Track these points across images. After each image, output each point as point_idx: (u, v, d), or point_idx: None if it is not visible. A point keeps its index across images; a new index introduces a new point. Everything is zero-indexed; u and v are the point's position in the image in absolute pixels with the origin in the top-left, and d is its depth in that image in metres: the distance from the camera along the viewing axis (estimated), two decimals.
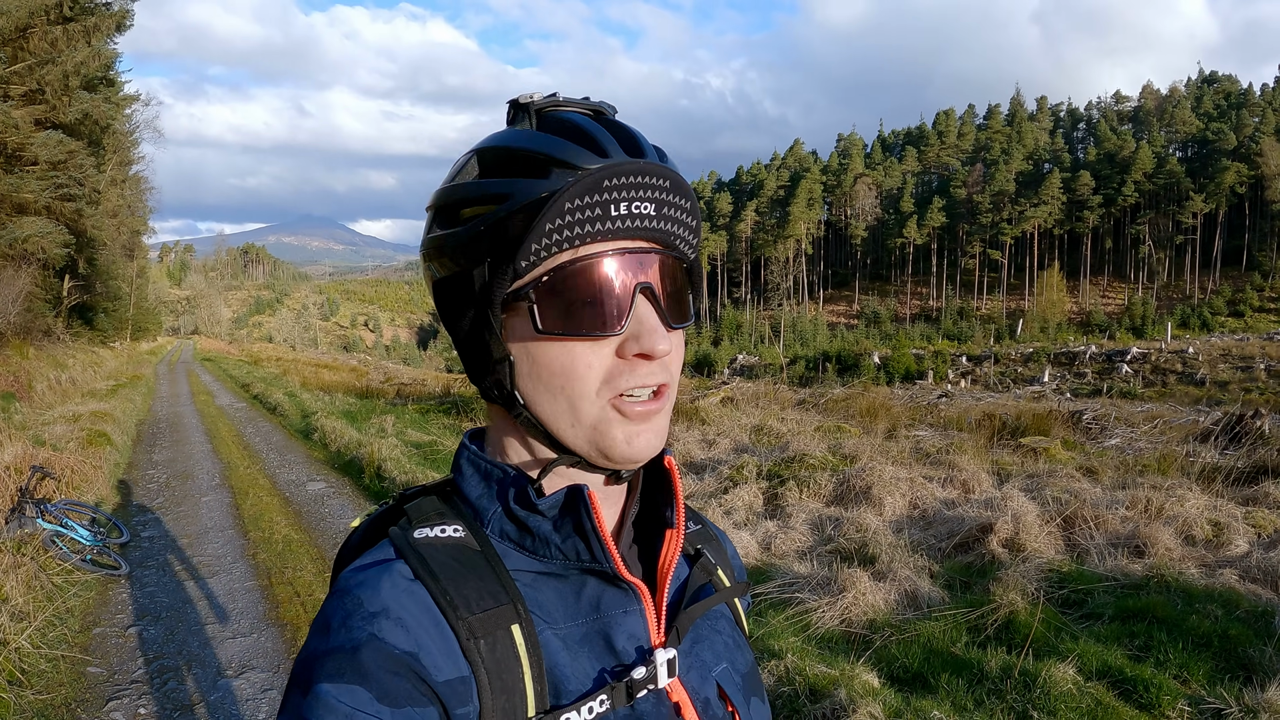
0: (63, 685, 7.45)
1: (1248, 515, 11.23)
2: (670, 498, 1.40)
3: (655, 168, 1.21)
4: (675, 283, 1.28)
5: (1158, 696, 6.61)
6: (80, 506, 11.48)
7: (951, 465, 14.59)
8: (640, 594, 1.32)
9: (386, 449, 17.03)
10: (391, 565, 1.21)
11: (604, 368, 1.22)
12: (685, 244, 1.29)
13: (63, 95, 34.78)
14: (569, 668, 1.23)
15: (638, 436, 1.24)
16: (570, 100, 1.29)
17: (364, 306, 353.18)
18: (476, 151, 1.28)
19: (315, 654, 1.11)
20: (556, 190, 1.16)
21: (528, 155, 1.21)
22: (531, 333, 1.21)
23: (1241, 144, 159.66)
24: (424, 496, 1.37)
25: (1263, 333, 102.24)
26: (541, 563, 1.28)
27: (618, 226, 1.19)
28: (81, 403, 25.68)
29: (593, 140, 1.20)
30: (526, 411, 1.26)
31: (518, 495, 1.28)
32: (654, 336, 1.20)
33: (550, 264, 1.19)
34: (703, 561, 1.48)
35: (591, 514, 1.23)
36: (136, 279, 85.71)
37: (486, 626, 1.17)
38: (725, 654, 1.45)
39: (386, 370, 61.41)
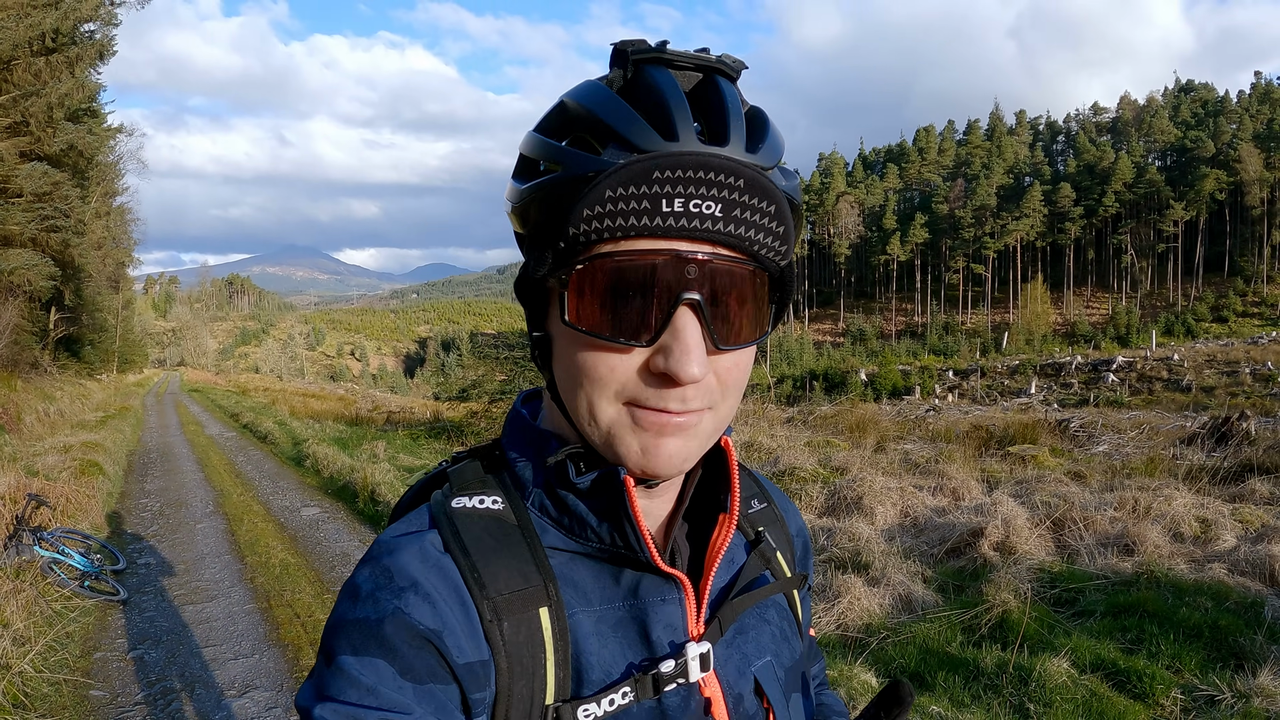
0: (66, 708, 7.49)
1: (1235, 512, 11.54)
2: (727, 481, 1.33)
3: (724, 162, 1.06)
4: (740, 297, 1.14)
5: (1151, 686, 6.79)
6: (76, 534, 11.52)
7: (941, 474, 14.80)
8: (681, 584, 1.26)
9: (380, 473, 17.04)
10: (424, 536, 1.19)
11: (626, 376, 1.12)
12: (768, 250, 1.13)
13: (47, 127, 34.67)
14: (596, 655, 1.19)
15: (656, 450, 1.15)
16: (679, 54, 1.14)
17: (350, 335, 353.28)
18: (561, 101, 1.18)
19: (341, 622, 1.10)
20: (601, 170, 1.06)
21: (593, 121, 1.11)
22: (560, 321, 1.14)
23: (1220, 151, 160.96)
24: (470, 460, 1.34)
25: (1247, 337, 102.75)
26: (579, 543, 1.24)
27: (669, 225, 1.06)
28: (71, 434, 25.59)
29: (665, 116, 1.08)
30: (557, 393, 1.21)
31: (558, 471, 1.23)
32: (685, 358, 1.08)
33: (590, 252, 1.10)
34: (762, 548, 1.41)
35: (627, 500, 1.17)
36: (122, 311, 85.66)
37: (512, 607, 1.15)
38: (770, 646, 1.39)
39: (374, 398, 61.39)
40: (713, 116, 1.11)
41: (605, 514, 1.20)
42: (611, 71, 1.17)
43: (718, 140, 1.08)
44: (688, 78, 1.15)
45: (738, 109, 1.12)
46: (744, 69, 1.18)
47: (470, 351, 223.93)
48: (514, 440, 1.32)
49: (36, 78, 33.21)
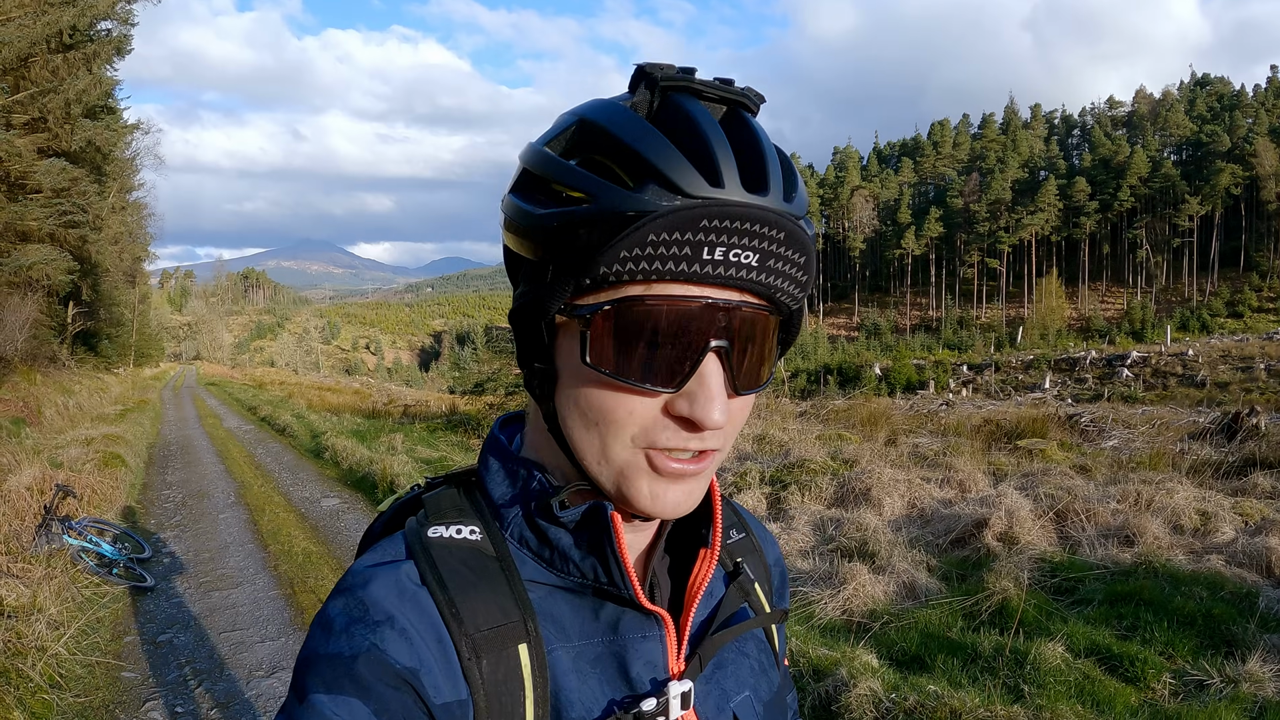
0: (99, 689, 7.74)
1: (1236, 505, 11.69)
2: (709, 514, 1.31)
3: (770, 215, 1.04)
4: (759, 342, 1.13)
5: (1143, 670, 7.03)
6: (103, 523, 11.77)
7: (949, 467, 14.97)
8: (662, 620, 1.25)
9: (398, 465, 17.26)
10: (399, 566, 1.17)
11: (646, 419, 1.10)
12: (789, 297, 1.12)
13: (65, 123, 34.72)
14: (576, 693, 1.17)
15: (665, 494, 1.13)
16: (707, 84, 1.10)
17: (365, 329, 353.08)
18: (579, 119, 1.12)
19: (314, 656, 1.08)
20: (645, 214, 1.01)
21: (624, 150, 1.06)
22: (578, 360, 1.09)
23: (1235, 145, 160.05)
24: (445, 488, 1.32)
25: (1262, 333, 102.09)
26: (559, 577, 1.22)
27: (707, 273, 1.03)
28: (92, 427, 25.77)
29: (709, 159, 1.03)
30: (557, 426, 1.17)
31: (540, 503, 1.21)
32: (710, 405, 1.07)
33: (618, 292, 1.06)
34: (741, 580, 1.39)
35: (613, 537, 1.15)
36: (139, 305, 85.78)
37: (491, 644, 1.13)
38: (749, 680, 1.38)
39: (390, 392, 61.44)
40: (750, 159, 1.07)
41: (590, 548, 1.19)
42: (636, 94, 1.12)
43: (758, 188, 1.05)
44: (714, 110, 1.13)
45: (773, 153, 1.11)
46: (764, 102, 1.17)
47: (485, 345, 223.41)
48: (493, 468, 1.29)
49: (54, 75, 33.33)
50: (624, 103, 1.12)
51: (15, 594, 8.71)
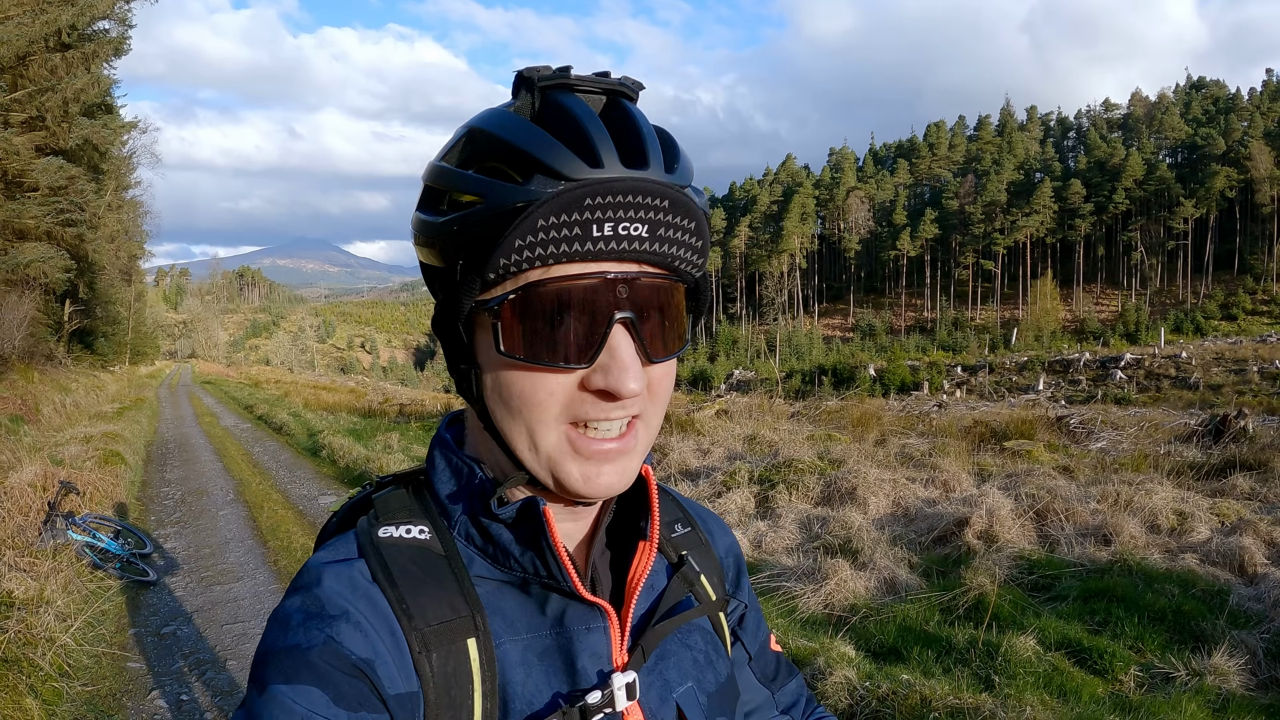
0: (106, 678, 7.98)
1: (1214, 506, 11.88)
2: (646, 507, 1.37)
3: (651, 185, 1.10)
4: (665, 310, 1.19)
5: (1111, 663, 7.29)
6: (106, 519, 11.95)
7: (934, 467, 15.15)
8: (605, 611, 1.29)
9: (395, 464, 17.42)
10: (352, 564, 1.21)
11: (565, 396, 1.17)
12: (688, 264, 1.19)
13: (62, 122, 34.64)
14: (523, 685, 1.21)
15: (597, 476, 1.19)
16: (583, 79, 1.18)
17: (360, 328, 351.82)
18: (469, 129, 1.19)
19: (272, 650, 1.12)
20: (531, 201, 1.08)
21: (510, 150, 1.13)
22: (493, 351, 1.16)
23: (1230, 148, 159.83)
24: (395, 488, 1.36)
25: (1256, 335, 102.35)
26: (505, 572, 1.26)
27: (599, 249, 1.10)
28: (90, 425, 25.85)
29: (587, 143, 1.10)
30: (490, 423, 1.23)
31: (481, 501, 1.26)
32: (624, 375, 1.13)
33: (519, 280, 1.13)
34: (684, 571, 1.44)
35: (546, 530, 1.20)
36: (135, 303, 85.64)
37: (440, 639, 1.17)
38: (693, 672, 1.40)
39: (385, 391, 61.34)
40: (628, 139, 1.14)
41: (527, 543, 1.23)
42: (518, 99, 1.20)
43: (638, 163, 1.11)
44: (593, 101, 1.19)
45: (650, 131, 1.17)
46: (642, 89, 1.24)
47: None
48: (439, 466, 1.33)
49: (52, 73, 33.32)
50: (509, 108, 1.19)
51: (24, 587, 8.92)
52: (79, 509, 12.23)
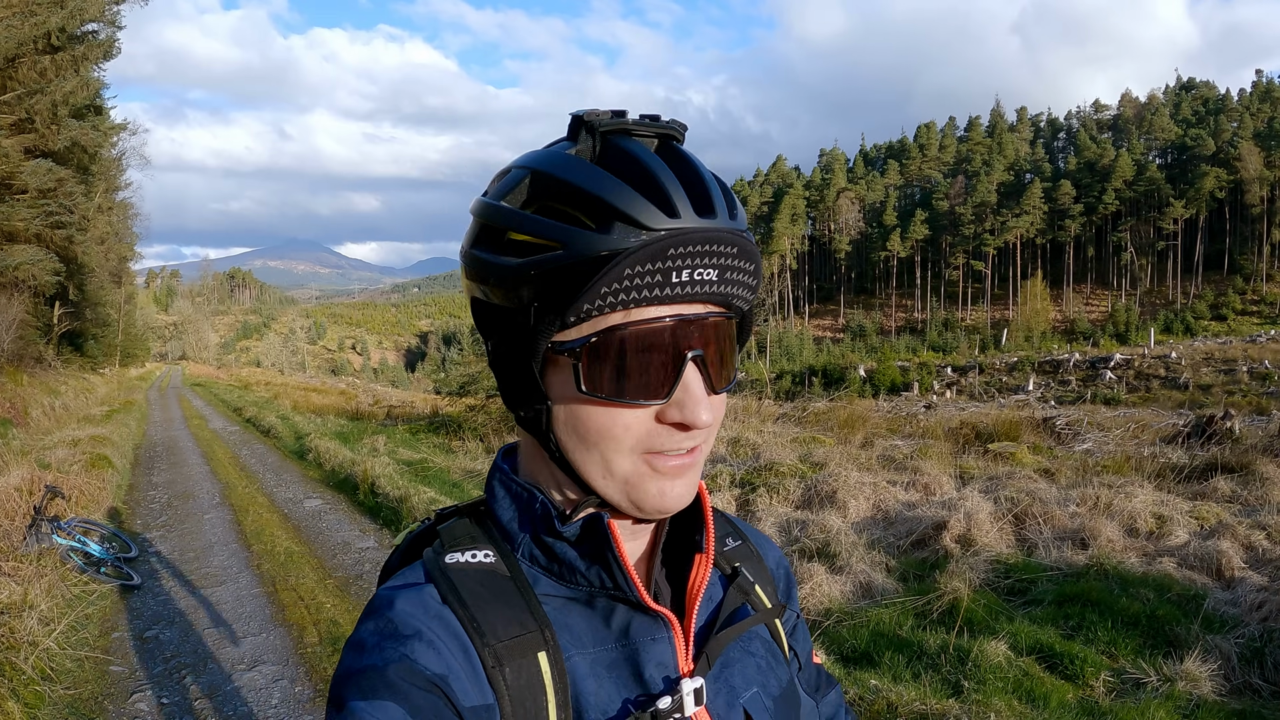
0: (89, 682, 8.01)
1: (1194, 509, 11.90)
2: (701, 521, 1.39)
3: (725, 234, 1.16)
4: (725, 345, 1.24)
5: (1082, 668, 7.31)
6: (91, 523, 12.02)
7: (915, 470, 15.21)
8: (669, 621, 1.32)
9: (380, 467, 17.41)
10: (422, 589, 1.24)
11: (642, 430, 1.20)
12: (742, 301, 1.25)
13: (51, 124, 34.60)
14: (594, 696, 1.23)
15: (671, 490, 1.23)
16: (639, 124, 1.22)
17: (351, 329, 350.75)
18: (531, 171, 1.22)
19: (350, 672, 1.14)
20: (619, 251, 1.12)
21: (588, 199, 1.15)
22: (573, 389, 1.19)
23: (1220, 149, 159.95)
24: (458, 518, 1.39)
25: (1245, 335, 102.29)
26: (570, 589, 1.29)
27: (677, 293, 1.15)
28: (78, 428, 25.78)
29: (662, 193, 1.14)
30: (560, 453, 1.25)
31: (544, 521, 1.29)
32: (697, 408, 1.18)
33: (600, 324, 1.16)
34: (739, 581, 1.47)
35: (612, 543, 1.23)
36: (125, 305, 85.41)
37: (512, 654, 1.19)
38: (757, 678, 1.42)
39: (375, 393, 61.31)
40: (695, 187, 1.18)
41: (593, 557, 1.26)
42: (579, 141, 1.22)
43: (708, 212, 1.16)
44: (648, 144, 1.23)
45: (711, 178, 1.21)
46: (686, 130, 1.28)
47: (471, 345, 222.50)
48: (499, 495, 1.37)
49: (42, 76, 33.27)
50: (567, 150, 1.21)
51: (7, 591, 8.95)
52: (64, 513, 12.24)
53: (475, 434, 24.23)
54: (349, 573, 11.51)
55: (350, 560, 12.15)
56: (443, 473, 18.62)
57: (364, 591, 10.66)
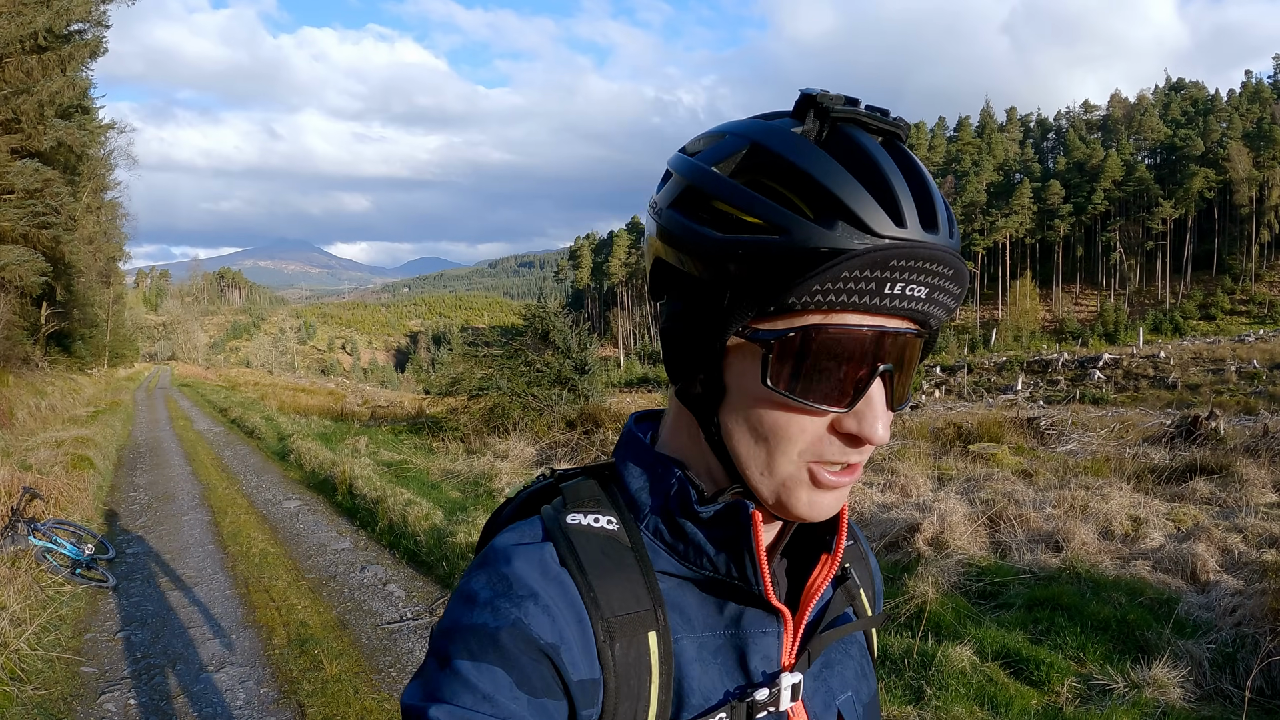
0: (59, 683, 8.02)
1: (1172, 511, 11.81)
2: (834, 522, 1.35)
3: (944, 254, 1.10)
4: (911, 363, 1.19)
5: (1048, 674, 7.26)
6: (68, 525, 11.96)
7: (893, 471, 15.23)
8: (783, 616, 1.30)
9: (359, 468, 17.46)
10: (542, 547, 1.21)
11: (814, 435, 1.16)
12: (937, 321, 1.19)
13: (38, 124, 34.63)
14: (697, 680, 1.22)
15: (821, 501, 1.20)
16: (869, 114, 1.15)
17: (341, 329, 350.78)
18: (751, 142, 1.15)
19: (458, 626, 1.12)
20: (840, 251, 1.06)
21: (813, 187, 1.09)
22: (755, 380, 1.14)
23: (1209, 149, 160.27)
24: (583, 478, 1.35)
25: (1234, 335, 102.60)
26: (690, 569, 1.26)
27: (885, 305, 1.10)
28: (63, 429, 25.74)
29: (891, 197, 1.09)
30: (720, 438, 1.22)
31: (679, 498, 1.25)
32: (877, 423, 1.14)
33: (798, 320, 1.11)
34: (848, 585, 1.45)
35: (751, 535, 1.20)
36: (113, 305, 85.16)
37: (624, 630, 1.17)
38: (852, 681, 1.43)
39: (364, 393, 61.17)
40: (922, 197, 1.13)
41: (724, 544, 1.23)
42: (805, 122, 1.15)
43: (931, 226, 1.11)
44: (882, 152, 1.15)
45: (936, 189, 1.16)
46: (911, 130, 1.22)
47: (461, 345, 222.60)
48: (631, 463, 1.34)
49: (28, 76, 33.27)
50: (792, 128, 1.15)
51: None
52: (42, 515, 12.27)
53: (456, 434, 24.24)
54: (322, 574, 11.53)
55: (325, 562, 12.17)
56: (422, 474, 18.69)
57: (336, 593, 10.70)
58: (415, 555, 12.09)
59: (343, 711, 7.34)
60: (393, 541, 12.91)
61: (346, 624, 9.55)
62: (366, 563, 12.02)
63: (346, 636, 9.14)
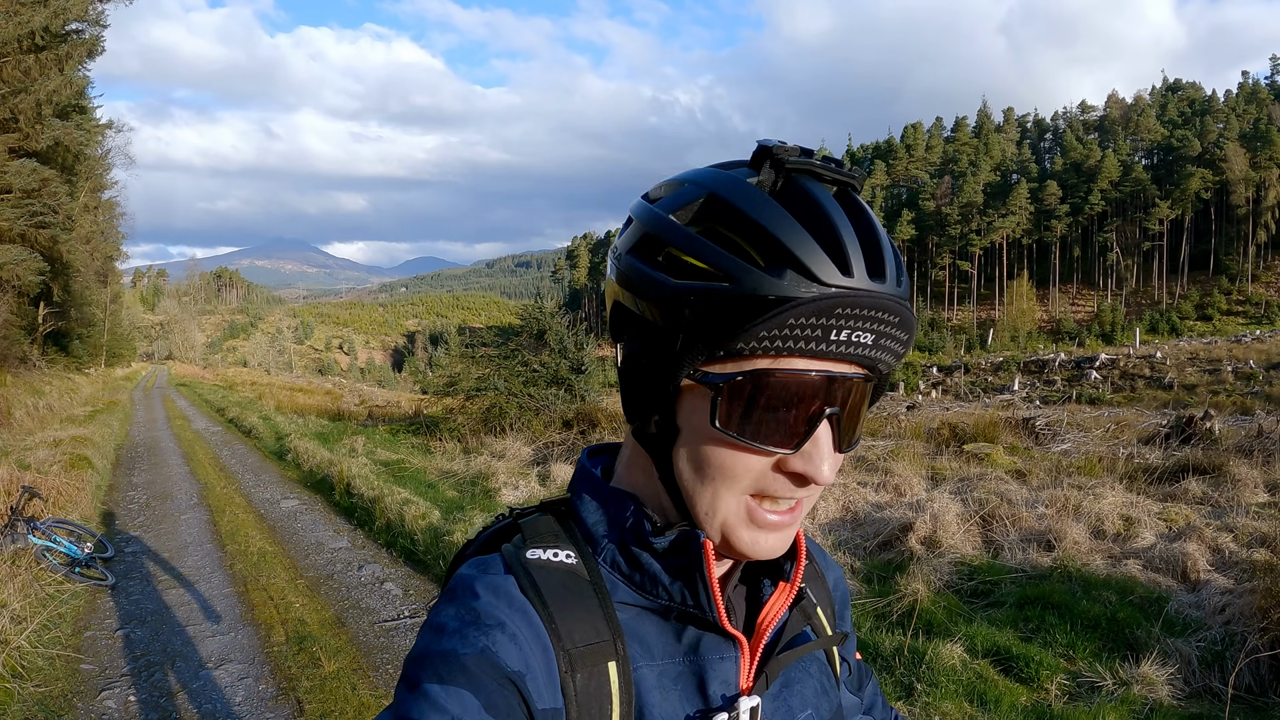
0: (59, 679, 8.07)
1: (1164, 511, 11.89)
2: (793, 551, 1.40)
3: (890, 302, 1.14)
4: (859, 406, 1.23)
5: (1037, 671, 7.33)
6: (67, 524, 11.99)
7: (888, 471, 15.29)
8: (739, 642, 1.32)
9: (356, 468, 17.51)
10: (507, 579, 1.24)
11: (760, 474, 1.19)
12: (886, 366, 1.23)
13: (35, 123, 34.59)
14: (658, 706, 1.24)
15: (764, 541, 1.23)
16: (823, 165, 1.20)
17: (338, 329, 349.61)
18: (708, 193, 1.20)
19: (428, 654, 1.14)
20: (787, 300, 1.10)
21: (763, 237, 1.14)
22: (705, 421, 1.18)
23: (1206, 150, 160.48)
24: (540, 515, 1.39)
25: (1230, 335, 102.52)
26: (647, 599, 1.29)
27: (832, 351, 1.14)
28: (61, 428, 25.73)
29: (839, 247, 1.13)
30: (673, 476, 1.25)
31: (635, 531, 1.29)
32: (823, 464, 1.17)
33: (748, 364, 1.15)
34: (804, 604, 1.45)
35: (704, 563, 1.23)
36: (110, 305, 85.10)
37: (585, 661, 1.19)
38: (813, 700, 1.44)
39: (361, 393, 61.18)
40: (870, 247, 1.17)
41: (679, 574, 1.26)
42: (760, 172, 1.20)
43: (878, 275, 1.15)
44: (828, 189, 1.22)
45: (885, 238, 1.20)
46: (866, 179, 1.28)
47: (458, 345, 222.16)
48: (586, 498, 1.37)
49: (26, 75, 33.22)
50: (748, 178, 1.20)
51: None
52: (41, 513, 12.32)
53: (453, 435, 24.27)
54: (320, 573, 11.59)
55: (322, 560, 12.22)
56: (419, 473, 18.70)
57: (333, 591, 10.75)
58: (412, 554, 12.14)
59: (340, 708, 7.40)
60: (390, 540, 12.95)
61: (344, 622, 9.60)
62: (364, 561, 12.07)
63: (344, 634, 9.19)
